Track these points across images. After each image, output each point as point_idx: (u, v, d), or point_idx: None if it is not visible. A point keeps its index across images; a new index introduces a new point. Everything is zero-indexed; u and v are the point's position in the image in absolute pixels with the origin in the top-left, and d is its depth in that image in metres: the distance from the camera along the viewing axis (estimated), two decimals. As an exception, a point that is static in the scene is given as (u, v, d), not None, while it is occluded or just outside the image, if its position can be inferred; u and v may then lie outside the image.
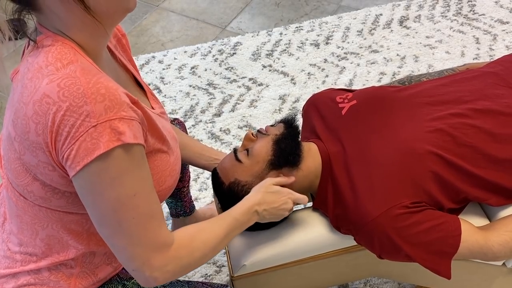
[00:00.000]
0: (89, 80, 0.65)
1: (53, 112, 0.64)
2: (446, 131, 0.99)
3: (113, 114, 0.65)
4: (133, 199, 0.70)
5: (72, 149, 0.65)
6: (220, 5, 2.52)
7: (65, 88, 0.64)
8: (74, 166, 0.66)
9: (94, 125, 0.64)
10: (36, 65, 0.68)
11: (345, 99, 1.11)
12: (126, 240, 0.72)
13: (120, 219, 0.70)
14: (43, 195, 0.75)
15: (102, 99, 0.64)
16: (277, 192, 0.94)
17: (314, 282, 1.17)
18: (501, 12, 2.27)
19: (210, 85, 2.08)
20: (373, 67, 2.08)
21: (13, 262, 0.85)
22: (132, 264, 0.74)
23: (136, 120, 0.68)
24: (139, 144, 0.69)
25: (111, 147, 0.64)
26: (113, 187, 0.68)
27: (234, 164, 1.00)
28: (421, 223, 0.92)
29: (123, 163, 0.67)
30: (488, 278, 1.12)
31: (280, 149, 0.99)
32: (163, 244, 0.75)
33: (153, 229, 0.73)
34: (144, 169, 0.72)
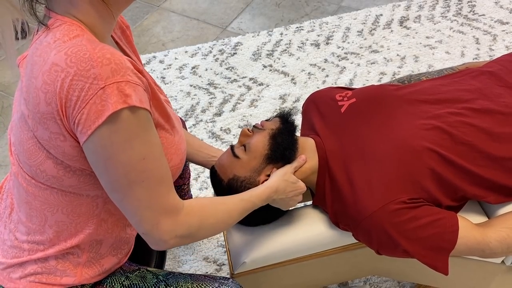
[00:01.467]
0: (95, 46, 0.67)
1: (62, 78, 0.66)
2: (444, 129, 0.99)
3: (119, 77, 0.66)
4: (142, 163, 0.71)
5: (83, 113, 0.66)
6: (221, 6, 2.53)
7: (72, 55, 0.66)
8: (86, 131, 0.67)
9: (102, 87, 0.65)
10: (45, 43, 0.71)
11: (344, 97, 1.12)
12: (136, 203, 0.74)
13: (130, 182, 0.72)
14: (55, 173, 0.76)
15: (108, 62, 0.66)
16: (295, 183, 0.99)
17: (314, 280, 1.18)
18: (501, 12, 2.28)
19: (211, 84, 2.09)
20: (373, 67, 2.09)
21: (21, 251, 0.86)
22: (142, 228, 0.76)
23: (141, 86, 0.70)
24: (145, 109, 0.70)
25: (119, 107, 0.66)
26: (124, 150, 0.69)
27: (232, 160, 1.01)
28: (418, 219, 0.93)
29: (131, 126, 0.69)
30: (487, 276, 1.12)
31: (276, 143, 1.00)
32: (173, 209, 0.77)
33: (162, 193, 0.75)
34: (152, 134, 0.73)
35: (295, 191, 0.99)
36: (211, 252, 1.53)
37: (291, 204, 1.01)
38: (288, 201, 1.00)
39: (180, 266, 1.51)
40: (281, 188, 0.96)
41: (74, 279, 0.86)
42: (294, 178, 0.99)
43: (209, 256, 1.53)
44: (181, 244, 0.82)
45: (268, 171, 1.00)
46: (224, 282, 0.95)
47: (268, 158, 1.00)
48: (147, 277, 0.93)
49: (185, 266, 1.51)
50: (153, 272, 0.96)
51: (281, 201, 0.99)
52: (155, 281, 0.92)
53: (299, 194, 1.00)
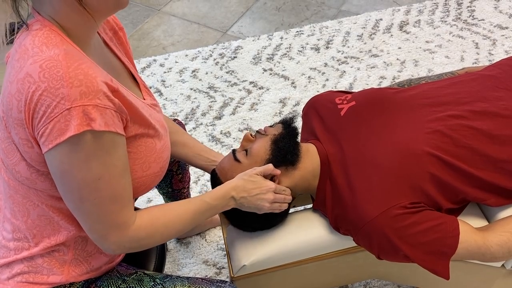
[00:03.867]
0: (70, 64, 0.68)
1: (32, 90, 0.68)
2: (444, 133, 1.00)
3: (87, 100, 0.68)
4: (97, 183, 0.73)
5: (47, 127, 0.69)
6: (221, 10, 2.54)
7: (46, 70, 0.68)
8: (47, 144, 0.70)
9: (68, 108, 0.67)
10: (23, 46, 0.72)
11: (344, 101, 1.12)
12: (86, 215, 0.77)
13: (82, 198, 0.74)
14: (28, 176, 0.78)
15: (78, 84, 0.67)
16: (259, 181, 0.94)
17: (314, 283, 1.18)
18: (501, 17, 2.28)
19: (211, 88, 2.09)
20: (373, 71, 2.09)
21: (7, 251, 0.86)
22: (91, 235, 0.80)
23: (110, 108, 0.71)
24: (110, 131, 0.71)
25: (81, 130, 0.68)
26: (80, 169, 0.72)
27: (233, 164, 1.01)
28: (419, 224, 0.93)
29: (91, 148, 0.71)
30: (487, 280, 1.12)
31: (278, 148, 1.00)
32: (122, 224, 0.79)
33: (113, 211, 0.77)
34: (114, 156, 0.74)
35: (260, 189, 0.93)
36: (211, 255, 1.53)
37: (260, 205, 0.94)
38: (255, 202, 0.93)
39: (180, 269, 1.50)
40: (240, 185, 0.92)
41: (61, 277, 0.87)
42: (257, 178, 0.94)
43: (209, 259, 1.52)
44: (131, 251, 0.85)
45: (269, 176, 1.00)
46: (222, 285, 0.94)
47: (269, 163, 0.99)
48: (144, 280, 0.93)
49: (184, 269, 1.50)
50: (150, 275, 0.95)
51: (246, 201, 0.93)
52: (152, 284, 0.92)
53: (266, 192, 0.94)
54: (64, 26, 0.74)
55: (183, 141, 1.14)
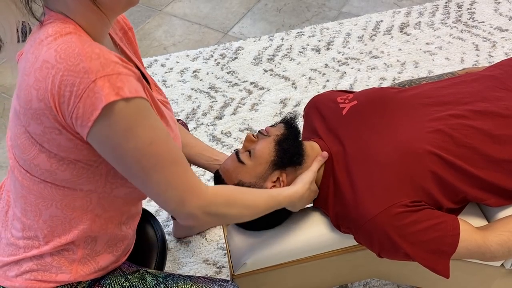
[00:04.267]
0: (84, 43, 0.68)
1: (52, 75, 0.67)
2: (445, 132, 1.00)
3: (110, 70, 0.67)
4: (150, 148, 0.72)
5: (78, 107, 0.67)
6: (222, 11, 2.54)
7: (61, 52, 0.67)
8: (86, 123, 0.68)
9: (93, 80, 0.66)
10: (37, 40, 0.72)
11: (345, 100, 1.13)
12: (156, 187, 0.75)
13: (144, 169, 0.73)
14: (48, 167, 0.77)
15: (97, 56, 0.67)
16: (313, 190, 1.03)
17: (314, 282, 1.18)
18: (500, 19, 2.29)
19: (212, 88, 2.10)
20: (373, 72, 2.10)
21: (16, 249, 0.86)
22: (169, 207, 0.78)
23: (133, 76, 0.71)
24: (140, 97, 0.70)
25: (111, 99, 0.66)
26: (127, 139, 0.70)
27: (237, 166, 1.01)
28: (420, 222, 0.93)
29: (129, 116, 0.69)
30: (486, 280, 1.12)
31: (283, 149, 1.00)
32: (195, 187, 0.78)
33: (179, 173, 0.76)
34: (153, 119, 0.74)
35: (310, 197, 1.04)
36: (211, 254, 1.53)
37: (299, 208, 1.04)
38: (300, 206, 1.04)
39: (180, 268, 1.51)
40: (306, 196, 1.00)
41: (70, 276, 0.87)
42: (315, 186, 1.04)
43: (209, 258, 1.53)
44: (212, 222, 0.84)
45: (274, 177, 1.01)
46: (224, 284, 0.95)
47: (275, 165, 1.00)
48: (147, 279, 0.94)
49: (185, 268, 1.50)
50: (152, 274, 0.96)
51: (296, 207, 1.02)
52: (154, 283, 0.92)
53: (312, 199, 1.05)
54: (78, 23, 0.74)
55: (186, 140, 1.14)
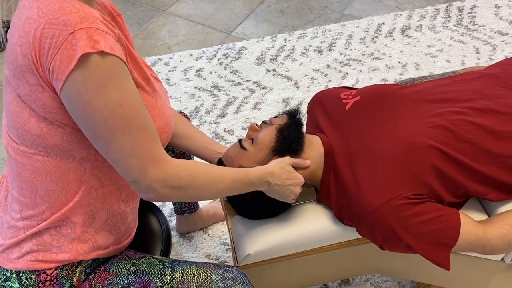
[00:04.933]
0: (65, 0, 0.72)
1: (34, 29, 0.71)
2: (446, 127, 1.02)
3: (88, 23, 0.70)
4: (120, 109, 0.73)
5: (56, 59, 0.70)
6: (226, 12, 2.57)
7: (43, 8, 0.71)
8: (60, 77, 0.70)
9: (71, 32, 0.69)
10: (20, 5, 0.76)
11: (349, 96, 1.15)
12: (120, 151, 0.75)
13: (111, 129, 0.73)
14: (39, 132, 0.79)
15: (76, 10, 0.70)
16: (292, 173, 0.99)
17: (316, 276, 1.20)
18: (501, 23, 2.32)
19: (215, 87, 2.12)
20: (375, 73, 2.12)
21: (16, 230, 0.88)
22: (130, 175, 0.77)
23: (111, 35, 0.73)
24: (117, 56, 0.72)
25: (87, 51, 0.69)
26: (99, 95, 0.71)
27: (239, 151, 1.04)
28: (421, 214, 0.95)
29: (103, 71, 0.71)
30: (486, 274, 1.14)
31: (283, 136, 1.03)
32: (160, 158, 0.78)
33: (146, 141, 0.76)
34: (127, 82, 0.74)
35: (292, 181, 0.98)
36: (213, 249, 1.55)
37: (287, 195, 0.99)
38: (284, 191, 0.98)
39: (182, 263, 1.52)
40: (277, 172, 0.96)
41: (70, 255, 0.88)
42: (291, 168, 0.99)
43: (211, 253, 1.54)
44: (172, 196, 0.82)
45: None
46: (229, 269, 0.97)
47: (274, 150, 1.02)
48: (153, 263, 0.95)
49: (187, 263, 1.52)
50: (158, 259, 0.97)
51: (277, 189, 0.97)
52: (161, 267, 0.94)
53: (296, 184, 0.99)
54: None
55: (190, 133, 1.16)
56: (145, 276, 0.92)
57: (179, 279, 0.93)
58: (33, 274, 0.87)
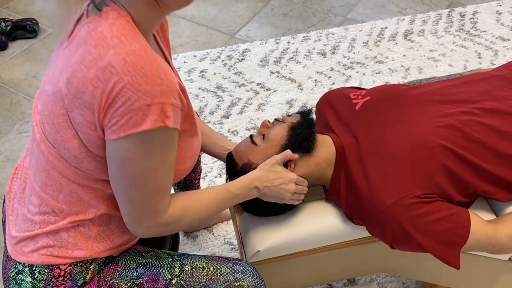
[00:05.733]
0: (152, 62, 0.71)
1: (114, 81, 0.70)
2: (456, 127, 1.03)
3: (166, 98, 0.71)
4: (151, 173, 0.77)
5: (123, 118, 0.71)
6: (229, 14, 2.58)
7: (129, 64, 0.70)
8: (119, 132, 0.72)
9: (148, 103, 0.70)
10: (100, 34, 0.73)
11: (358, 96, 1.15)
12: (129, 201, 0.80)
13: (132, 186, 0.78)
14: (77, 154, 0.80)
15: (160, 82, 0.71)
16: (280, 172, 0.98)
17: (323, 274, 1.20)
18: (502, 29, 2.35)
19: (219, 88, 2.12)
20: (378, 76, 2.14)
21: (32, 224, 0.88)
22: (126, 219, 0.83)
23: (180, 108, 0.76)
24: (176, 129, 0.76)
25: (156, 126, 0.71)
26: (141, 159, 0.75)
27: (250, 146, 1.04)
28: (432, 213, 0.95)
29: (158, 142, 0.75)
30: (493, 274, 1.14)
31: (295, 134, 1.03)
32: (157, 212, 0.83)
33: (155, 200, 0.81)
34: (171, 150, 0.79)
35: (282, 179, 0.96)
36: (218, 249, 1.54)
37: (282, 195, 0.98)
38: (278, 192, 0.97)
39: (187, 262, 1.52)
40: (263, 175, 0.95)
41: (85, 252, 0.88)
42: (278, 168, 0.98)
43: (216, 252, 1.54)
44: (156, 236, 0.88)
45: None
46: (238, 262, 0.97)
47: (284, 148, 1.02)
48: (162, 256, 0.95)
49: (191, 262, 1.51)
50: (167, 252, 0.98)
51: (269, 191, 0.96)
52: (170, 260, 0.94)
53: (288, 182, 0.97)
54: (135, 18, 0.75)
55: (202, 130, 1.17)
56: (154, 269, 0.92)
57: (188, 272, 0.93)
58: (46, 268, 0.87)
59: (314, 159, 1.05)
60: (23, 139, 1.96)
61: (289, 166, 1.02)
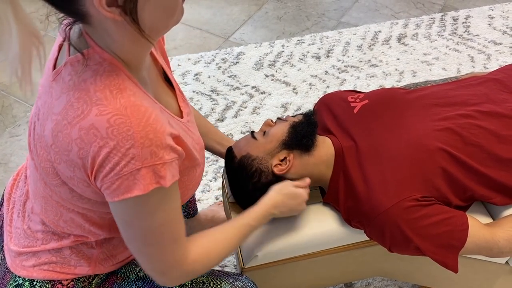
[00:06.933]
0: (139, 122, 0.65)
1: (99, 146, 0.65)
2: (454, 130, 1.03)
3: (157, 159, 0.66)
4: (160, 228, 0.73)
5: (113, 183, 0.67)
6: (223, 17, 2.57)
7: (114, 126, 0.64)
8: (112, 197, 0.68)
9: (138, 168, 0.65)
10: (83, 84, 0.68)
11: (356, 99, 1.15)
12: (147, 258, 0.77)
13: (145, 243, 0.75)
14: (69, 197, 0.77)
15: (149, 144, 0.65)
16: (296, 195, 0.98)
17: (321, 278, 1.19)
18: (494, 33, 2.37)
19: (214, 91, 2.11)
20: (372, 80, 2.14)
21: (34, 240, 0.85)
22: (150, 273, 0.80)
23: (175, 160, 0.70)
24: (175, 181, 0.71)
25: (149, 189, 0.67)
26: (145, 219, 0.72)
27: (249, 140, 1.06)
28: (430, 216, 0.95)
29: (157, 201, 0.70)
30: (491, 277, 1.15)
31: (295, 131, 1.04)
32: (179, 260, 0.79)
33: (173, 250, 0.77)
34: (175, 200, 0.75)
35: (297, 201, 0.99)
36: (214, 253, 1.53)
37: (296, 212, 1.01)
38: (291, 211, 1.00)
39: (182, 267, 1.50)
40: (280, 202, 0.96)
41: (88, 269, 0.87)
42: (294, 192, 0.98)
43: (212, 257, 1.52)
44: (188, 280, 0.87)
45: (282, 156, 1.03)
46: (238, 278, 0.95)
47: (284, 144, 1.03)
48: None
49: (187, 267, 1.50)
50: None
51: (284, 212, 0.98)
52: None
53: (302, 202, 1.00)
54: (121, 55, 0.70)
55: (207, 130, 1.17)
56: (153, 282, 0.91)
57: (188, 287, 0.91)
58: (48, 283, 0.85)
59: (313, 159, 1.05)
60: (14, 142, 1.93)
61: (285, 163, 1.02)
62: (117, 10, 0.62)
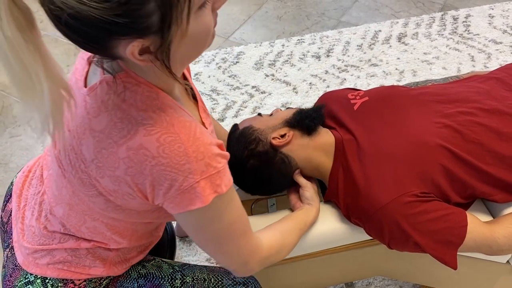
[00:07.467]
0: (188, 137, 0.67)
1: (152, 165, 0.66)
2: (454, 128, 1.03)
3: (212, 169, 0.68)
4: (231, 227, 0.77)
5: (176, 197, 0.68)
6: (223, 17, 2.57)
7: (165, 145, 0.65)
8: (176, 209, 0.70)
9: (197, 181, 0.67)
10: (124, 104, 0.68)
11: (356, 96, 1.15)
12: (226, 255, 0.81)
13: (220, 244, 0.78)
14: (103, 207, 0.76)
15: (202, 157, 0.67)
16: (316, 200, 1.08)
17: (322, 278, 1.19)
18: (495, 32, 2.36)
19: (214, 91, 2.11)
20: (372, 79, 2.14)
21: (50, 239, 0.85)
22: (232, 268, 0.84)
23: (225, 164, 0.72)
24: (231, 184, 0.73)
25: (210, 200, 0.69)
26: (213, 223, 0.74)
27: (255, 117, 1.12)
28: (429, 212, 0.95)
29: (220, 206, 0.73)
30: (492, 277, 1.14)
31: (300, 113, 1.08)
32: (255, 248, 0.83)
33: (246, 241, 0.81)
34: (236, 200, 0.77)
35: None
36: (214, 253, 1.53)
37: None
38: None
39: (183, 267, 1.50)
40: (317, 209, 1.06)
41: (103, 271, 0.87)
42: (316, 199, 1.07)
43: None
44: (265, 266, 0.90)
45: (282, 131, 1.06)
46: None
47: (286, 122, 1.07)
48: (163, 267, 0.94)
49: (187, 266, 1.50)
50: (168, 262, 0.96)
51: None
52: (171, 271, 0.93)
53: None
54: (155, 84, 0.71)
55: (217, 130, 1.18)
56: (155, 280, 0.91)
57: (189, 284, 0.91)
58: (60, 282, 0.85)
59: (313, 143, 1.07)
60: (15, 143, 1.93)
61: (285, 138, 1.05)
62: (149, 56, 0.62)
